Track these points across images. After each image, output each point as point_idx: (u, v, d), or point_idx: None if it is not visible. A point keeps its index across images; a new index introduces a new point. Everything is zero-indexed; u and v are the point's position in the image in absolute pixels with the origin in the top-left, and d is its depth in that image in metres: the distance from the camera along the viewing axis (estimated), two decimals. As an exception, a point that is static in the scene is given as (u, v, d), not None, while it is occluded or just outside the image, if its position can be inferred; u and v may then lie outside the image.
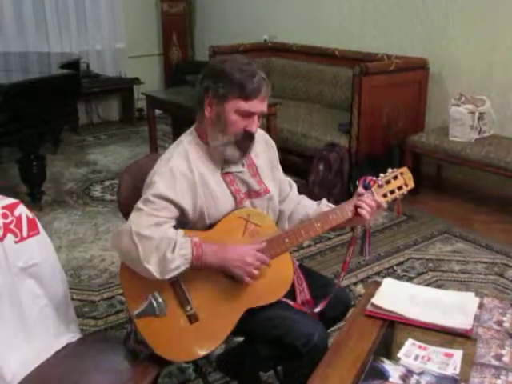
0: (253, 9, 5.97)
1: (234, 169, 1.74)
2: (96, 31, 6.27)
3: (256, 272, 1.62)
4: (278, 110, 4.22)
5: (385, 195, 1.80)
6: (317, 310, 1.76)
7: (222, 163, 1.72)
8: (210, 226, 1.69)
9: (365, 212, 1.73)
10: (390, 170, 1.84)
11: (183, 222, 1.65)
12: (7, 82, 3.67)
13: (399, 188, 1.82)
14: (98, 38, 6.30)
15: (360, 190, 1.79)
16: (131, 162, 2.04)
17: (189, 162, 1.66)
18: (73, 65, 4.38)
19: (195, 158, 1.68)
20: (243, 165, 1.76)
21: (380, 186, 1.79)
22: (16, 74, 4.21)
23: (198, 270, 1.60)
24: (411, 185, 1.85)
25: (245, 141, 1.67)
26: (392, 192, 1.81)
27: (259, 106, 1.64)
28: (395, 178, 1.82)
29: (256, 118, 1.66)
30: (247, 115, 1.63)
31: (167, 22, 6.71)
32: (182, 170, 1.65)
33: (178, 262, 1.54)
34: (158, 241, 1.53)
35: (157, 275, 1.54)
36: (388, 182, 1.81)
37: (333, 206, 1.85)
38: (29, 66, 4.88)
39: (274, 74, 5.45)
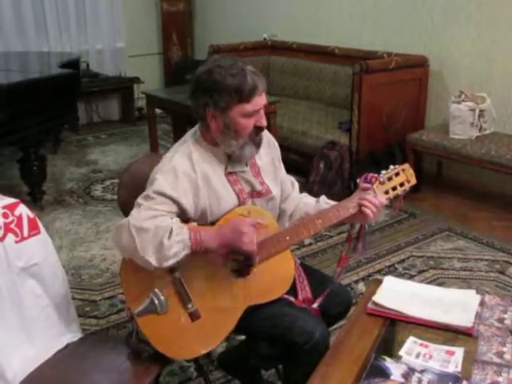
0: (253, 7, 5.97)
1: (238, 168, 1.74)
2: (96, 30, 6.27)
3: (253, 237, 1.57)
4: (277, 109, 4.22)
5: (386, 192, 1.78)
6: (315, 305, 1.76)
7: (227, 163, 1.72)
8: (211, 224, 1.69)
9: (369, 211, 1.72)
10: (391, 166, 1.82)
11: (184, 219, 1.65)
12: (7, 81, 3.67)
13: (401, 184, 1.80)
14: (98, 38, 6.30)
15: (363, 185, 1.78)
16: (131, 162, 2.04)
17: (192, 162, 1.66)
18: (73, 64, 4.38)
19: (199, 158, 1.68)
20: (246, 164, 1.76)
21: (382, 183, 1.77)
22: (16, 73, 4.21)
23: (200, 266, 1.60)
24: (413, 181, 1.83)
25: (258, 135, 1.69)
26: (394, 188, 1.79)
27: (261, 100, 1.65)
28: (397, 174, 1.80)
29: (262, 111, 1.67)
30: (253, 114, 1.64)
31: (167, 21, 6.71)
32: (185, 169, 1.64)
33: (176, 248, 1.53)
34: (154, 230, 1.52)
35: (155, 263, 1.52)
36: (390, 179, 1.79)
37: (332, 202, 1.84)
38: (29, 65, 4.88)
39: (274, 72, 5.45)
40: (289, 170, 1.97)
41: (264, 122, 1.68)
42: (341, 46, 4.91)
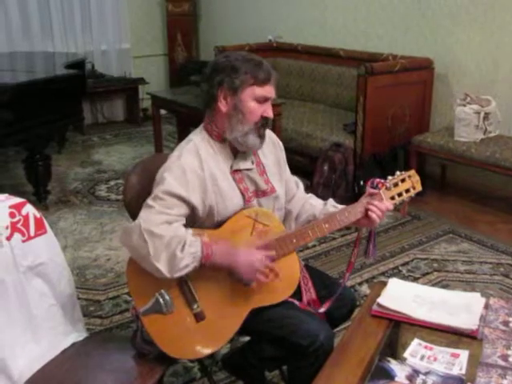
0: (258, 9, 5.98)
1: (243, 166, 1.75)
2: (101, 31, 6.29)
3: (262, 278, 1.62)
4: (283, 110, 4.22)
5: (392, 198, 1.80)
6: (322, 310, 1.76)
7: (233, 160, 1.73)
8: (219, 225, 1.70)
9: (375, 216, 1.74)
10: (397, 172, 1.83)
11: (192, 219, 1.66)
12: (13, 81, 3.69)
13: (407, 191, 1.82)
14: (103, 38, 6.33)
15: (370, 190, 1.79)
16: (136, 162, 2.04)
17: (199, 159, 1.67)
18: (78, 65, 4.39)
19: (206, 155, 1.69)
20: (252, 162, 1.77)
21: (388, 189, 1.79)
22: (22, 74, 4.22)
23: (206, 268, 1.61)
24: (419, 188, 1.84)
25: (263, 127, 1.72)
26: (400, 195, 1.81)
27: (271, 90, 1.70)
28: (403, 180, 1.82)
29: (270, 103, 1.71)
30: (263, 101, 1.68)
31: (172, 22, 6.72)
32: (193, 167, 1.65)
33: (187, 260, 1.55)
34: (168, 239, 1.54)
35: (166, 274, 1.54)
36: (396, 185, 1.80)
37: (339, 205, 1.85)
38: (34, 66, 4.90)
39: (279, 73, 5.35)
40: (293, 172, 1.98)
41: (271, 113, 1.71)
42: (346, 48, 4.91)
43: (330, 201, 1.90)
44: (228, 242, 1.64)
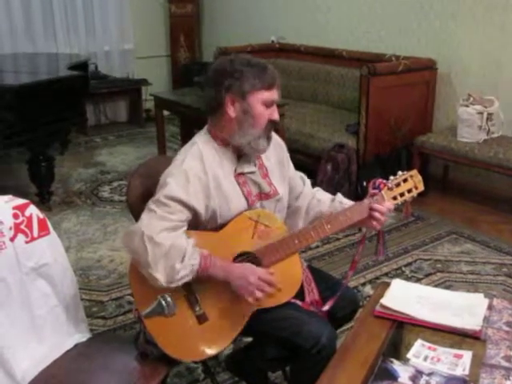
0: (260, 10, 5.98)
1: (247, 169, 1.75)
2: (104, 32, 6.30)
3: (258, 294, 1.61)
4: (285, 111, 4.21)
5: (395, 198, 1.80)
6: (325, 308, 1.76)
7: (236, 164, 1.73)
8: (221, 227, 1.70)
9: (376, 223, 1.75)
10: (400, 172, 1.83)
11: (195, 223, 1.66)
12: (17, 83, 3.70)
13: (409, 191, 1.82)
14: (106, 40, 6.33)
15: (372, 190, 1.79)
16: (140, 163, 2.05)
17: (203, 164, 1.67)
18: (81, 66, 4.40)
19: (209, 159, 1.69)
20: (255, 164, 1.77)
21: (390, 189, 1.79)
22: (25, 75, 4.24)
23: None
24: (421, 188, 1.84)
25: (270, 129, 1.73)
26: (402, 195, 1.81)
27: (277, 93, 1.71)
28: (405, 180, 1.82)
29: (275, 106, 1.72)
30: (270, 104, 1.69)
31: (175, 23, 6.73)
32: (196, 171, 1.65)
33: (185, 271, 1.56)
34: (168, 248, 1.54)
35: (163, 283, 1.56)
36: (398, 185, 1.80)
37: (346, 201, 1.86)
38: (38, 67, 4.91)
39: (282, 74, 5.35)
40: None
41: (277, 116, 1.72)
42: (349, 49, 4.91)
43: (338, 196, 1.90)
44: (226, 259, 1.65)
